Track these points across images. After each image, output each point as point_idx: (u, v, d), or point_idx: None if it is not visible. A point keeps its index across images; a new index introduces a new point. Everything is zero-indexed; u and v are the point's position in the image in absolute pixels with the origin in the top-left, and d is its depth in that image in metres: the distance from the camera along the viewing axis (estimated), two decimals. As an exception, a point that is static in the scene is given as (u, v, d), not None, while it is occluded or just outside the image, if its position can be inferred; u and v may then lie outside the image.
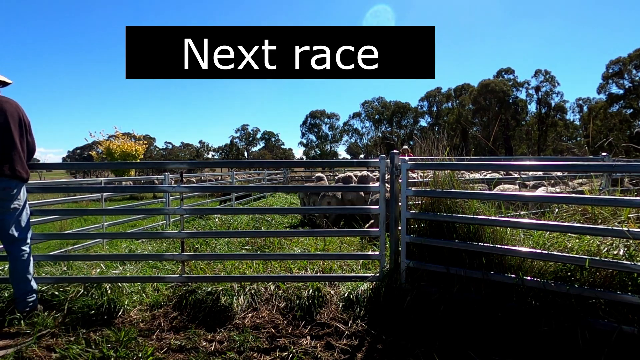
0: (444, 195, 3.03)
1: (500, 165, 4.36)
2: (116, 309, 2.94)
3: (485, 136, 39.69)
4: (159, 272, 3.87)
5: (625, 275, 2.40)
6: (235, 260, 3.84)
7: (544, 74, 49.38)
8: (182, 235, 3.37)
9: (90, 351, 2.40)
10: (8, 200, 2.76)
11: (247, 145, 73.90)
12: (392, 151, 3.24)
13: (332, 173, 17.19)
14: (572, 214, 3.02)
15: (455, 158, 3.58)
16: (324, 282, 3.26)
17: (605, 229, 2.41)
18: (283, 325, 2.78)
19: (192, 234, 3.88)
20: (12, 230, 2.81)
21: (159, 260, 4.01)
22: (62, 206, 5.37)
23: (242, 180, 16.09)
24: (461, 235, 2.99)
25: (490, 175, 5.78)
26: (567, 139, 48.21)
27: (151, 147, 62.57)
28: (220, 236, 5.20)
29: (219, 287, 3.13)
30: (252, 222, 6.61)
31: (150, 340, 2.59)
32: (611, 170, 2.48)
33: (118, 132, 18.44)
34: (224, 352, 2.44)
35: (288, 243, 4.91)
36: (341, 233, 4.69)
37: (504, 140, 46.32)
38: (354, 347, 2.48)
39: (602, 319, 2.32)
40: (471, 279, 2.77)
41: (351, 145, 64.80)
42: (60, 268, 3.83)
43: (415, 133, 52.91)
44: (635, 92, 38.50)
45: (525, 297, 2.59)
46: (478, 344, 2.38)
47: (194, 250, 4.83)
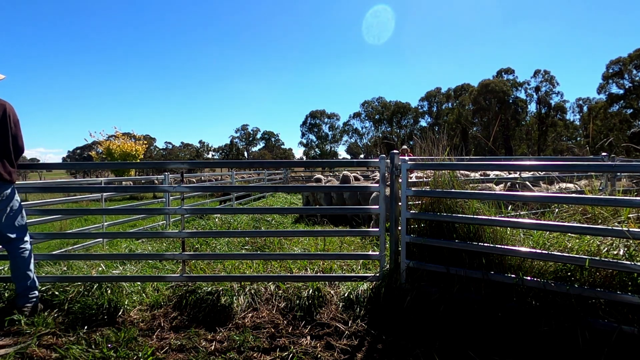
0: (444, 195, 3.03)
1: (500, 165, 4.36)
2: (116, 309, 2.93)
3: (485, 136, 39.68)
4: (159, 272, 3.87)
5: (625, 275, 2.40)
6: (235, 260, 3.84)
7: (543, 74, 49.38)
8: (182, 235, 3.39)
9: (90, 351, 2.40)
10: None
11: (247, 145, 73.90)
12: (392, 151, 3.24)
13: (332, 173, 17.20)
14: (572, 214, 3.02)
15: (455, 158, 3.58)
16: (324, 282, 3.26)
17: (605, 229, 2.41)
18: (283, 325, 2.78)
19: (193, 233, 3.89)
20: (7, 231, 2.87)
21: (159, 259, 4.02)
22: (62, 206, 5.37)
23: (242, 180, 16.10)
24: (461, 235, 2.99)
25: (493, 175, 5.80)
26: (567, 139, 48.22)
27: (151, 147, 62.57)
28: (221, 236, 5.21)
29: (219, 287, 3.13)
30: (252, 222, 6.61)
31: (150, 340, 2.59)
32: (612, 170, 2.48)
33: (118, 132, 18.44)
34: (224, 352, 2.44)
35: (288, 243, 4.91)
36: (341, 233, 4.70)
37: (504, 140, 46.33)
38: (354, 347, 2.48)
39: (602, 319, 2.32)
40: (471, 279, 2.77)
41: (351, 145, 64.82)
42: (60, 268, 3.82)
43: (415, 133, 52.91)
44: (636, 92, 38.49)
45: (525, 297, 2.59)
46: (478, 344, 2.38)
47: (194, 250, 4.83)
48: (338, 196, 7.80)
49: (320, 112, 65.10)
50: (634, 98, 38.66)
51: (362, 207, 4.68)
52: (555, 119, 49.64)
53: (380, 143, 31.71)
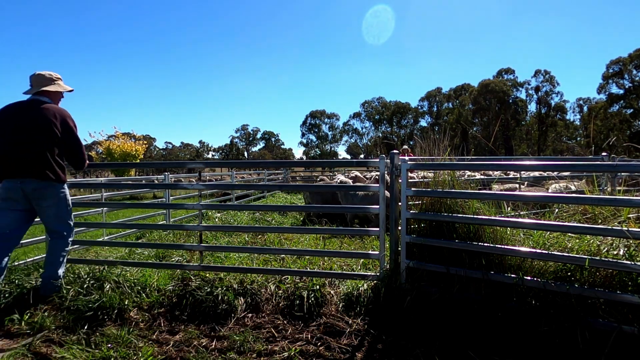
0: (444, 195, 3.03)
1: (500, 165, 4.36)
2: (116, 309, 2.93)
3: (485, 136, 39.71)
4: (159, 271, 3.87)
5: (625, 275, 2.40)
6: (246, 253, 4.06)
7: (543, 74, 49.43)
8: (199, 228, 3.75)
9: (90, 351, 2.40)
10: (43, 199, 3.10)
11: (247, 145, 73.93)
12: (392, 151, 3.25)
13: (332, 173, 17.22)
14: (572, 214, 3.02)
15: (455, 158, 3.58)
16: (324, 282, 3.26)
17: (605, 229, 2.41)
18: (283, 325, 2.78)
19: (209, 227, 4.26)
20: (52, 224, 3.22)
21: (179, 249, 4.25)
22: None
23: (242, 180, 16.11)
24: (461, 235, 2.99)
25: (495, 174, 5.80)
26: (567, 139, 48.23)
27: (151, 147, 62.58)
28: (236, 230, 5.63)
29: (219, 287, 3.13)
30: (253, 222, 6.62)
31: (150, 340, 2.59)
32: (613, 170, 2.47)
33: (118, 132, 18.43)
34: (224, 352, 2.44)
35: (288, 243, 4.92)
36: (342, 231, 4.73)
37: (504, 140, 46.34)
38: (354, 347, 2.48)
39: (602, 319, 2.32)
40: (471, 279, 2.77)
41: (351, 145, 64.83)
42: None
43: (416, 133, 52.95)
44: (636, 92, 38.49)
45: (525, 297, 2.59)
46: (478, 344, 2.38)
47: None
48: (347, 197, 7.10)
49: (320, 112, 65.11)
50: (634, 98, 38.67)
51: (361, 206, 4.66)
52: (555, 119, 49.68)
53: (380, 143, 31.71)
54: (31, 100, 3.15)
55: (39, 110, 3.06)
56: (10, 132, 3.00)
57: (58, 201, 3.16)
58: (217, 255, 3.99)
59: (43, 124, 3.03)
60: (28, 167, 3.00)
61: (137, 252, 4.56)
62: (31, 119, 3.03)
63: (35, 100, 3.14)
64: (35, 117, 3.03)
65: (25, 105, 3.11)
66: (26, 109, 3.08)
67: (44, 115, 3.05)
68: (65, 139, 3.14)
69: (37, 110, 3.06)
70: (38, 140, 3.01)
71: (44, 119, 3.04)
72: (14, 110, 3.08)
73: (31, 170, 3.00)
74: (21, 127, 3.01)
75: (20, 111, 3.07)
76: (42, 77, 3.20)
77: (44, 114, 3.05)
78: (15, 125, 3.01)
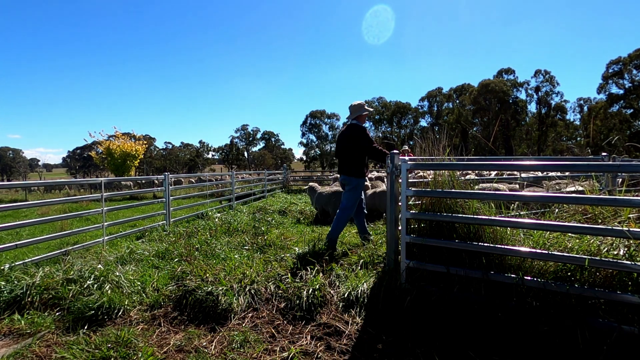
0: (444, 195, 3.03)
1: (500, 165, 4.36)
2: (116, 309, 2.94)
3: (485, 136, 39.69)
4: (159, 271, 3.87)
5: (625, 275, 2.40)
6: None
7: (543, 74, 49.43)
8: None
9: (90, 351, 2.40)
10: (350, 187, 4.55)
11: (247, 145, 73.92)
12: (392, 151, 3.24)
13: (332, 173, 17.21)
14: (572, 214, 3.02)
15: (455, 158, 3.58)
16: (324, 282, 3.26)
17: (605, 229, 2.41)
18: (283, 325, 2.78)
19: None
20: (343, 201, 4.60)
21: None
22: (63, 206, 5.40)
23: (242, 180, 16.12)
24: (461, 235, 2.99)
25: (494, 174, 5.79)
26: (567, 139, 48.23)
27: (151, 147, 62.54)
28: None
29: (219, 287, 3.13)
30: (252, 222, 6.61)
31: (150, 340, 2.59)
32: (615, 170, 2.47)
33: (118, 132, 18.42)
34: (224, 352, 2.44)
35: (289, 243, 4.91)
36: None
37: (504, 140, 46.33)
38: (353, 347, 2.48)
39: (602, 319, 2.32)
40: (471, 279, 2.77)
41: (351, 145, 64.67)
42: (61, 268, 3.82)
43: (416, 133, 52.96)
44: (635, 92, 38.48)
45: (525, 297, 2.59)
46: (478, 344, 2.38)
47: (194, 249, 4.82)
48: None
49: (320, 112, 65.12)
50: (634, 98, 38.66)
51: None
52: (555, 119, 49.68)
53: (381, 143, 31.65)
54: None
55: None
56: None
57: None
58: (217, 255, 3.99)
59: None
60: None
61: (138, 252, 4.56)
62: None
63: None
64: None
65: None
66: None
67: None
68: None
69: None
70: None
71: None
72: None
73: None
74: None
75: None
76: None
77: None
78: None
